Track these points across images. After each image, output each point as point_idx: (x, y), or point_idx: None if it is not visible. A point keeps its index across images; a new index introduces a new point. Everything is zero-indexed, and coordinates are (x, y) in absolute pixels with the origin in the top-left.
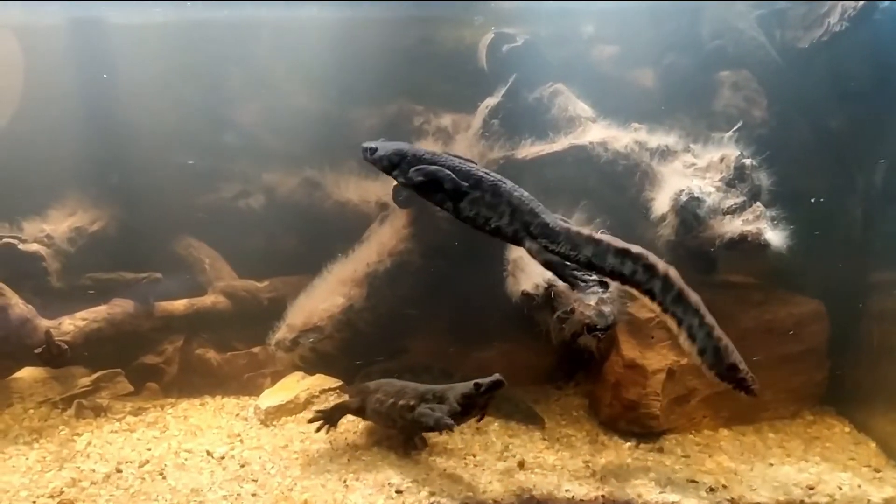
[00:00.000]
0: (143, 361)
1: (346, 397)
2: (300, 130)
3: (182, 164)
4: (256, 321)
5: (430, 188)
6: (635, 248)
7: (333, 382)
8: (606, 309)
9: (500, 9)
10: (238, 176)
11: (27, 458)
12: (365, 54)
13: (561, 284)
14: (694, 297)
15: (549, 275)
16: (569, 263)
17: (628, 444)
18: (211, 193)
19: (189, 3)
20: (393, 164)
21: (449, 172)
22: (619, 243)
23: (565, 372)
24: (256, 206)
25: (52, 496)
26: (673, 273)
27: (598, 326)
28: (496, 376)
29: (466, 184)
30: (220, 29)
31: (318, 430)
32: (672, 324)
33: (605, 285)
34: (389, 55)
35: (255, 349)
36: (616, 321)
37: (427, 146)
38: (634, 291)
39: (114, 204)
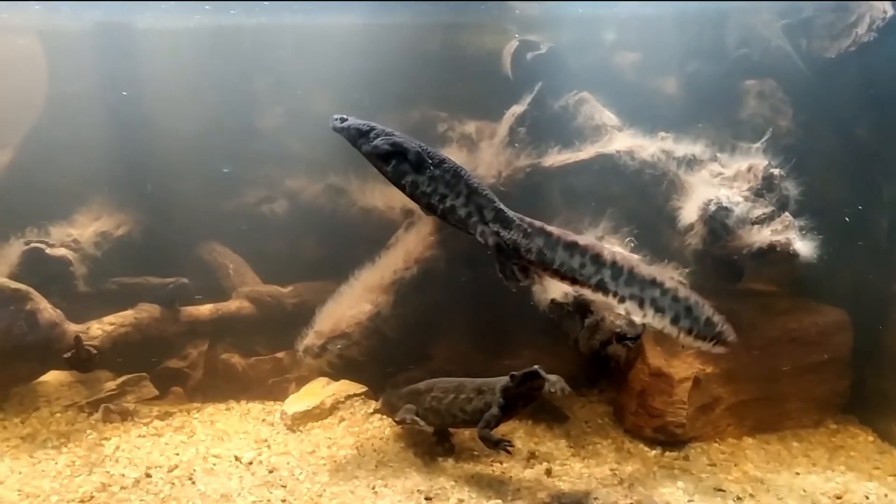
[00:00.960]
0: (168, 366)
1: (372, 403)
2: (323, 136)
3: (206, 169)
4: (280, 326)
5: (394, 158)
6: (583, 240)
7: (358, 388)
8: (637, 318)
9: (522, 16)
10: (262, 181)
11: (56, 463)
12: (387, 60)
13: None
14: (647, 269)
15: None
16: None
17: (654, 451)
18: (235, 198)
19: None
20: (361, 133)
21: (416, 146)
22: (570, 236)
23: (589, 379)
24: (280, 212)
25: (82, 501)
26: (620, 257)
27: (628, 335)
28: (533, 367)
29: (430, 161)
30: (246, 35)
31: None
32: (634, 309)
33: None
34: (411, 61)
35: (280, 354)
36: (645, 330)
37: (451, 153)
38: (586, 291)
39: (139, 208)
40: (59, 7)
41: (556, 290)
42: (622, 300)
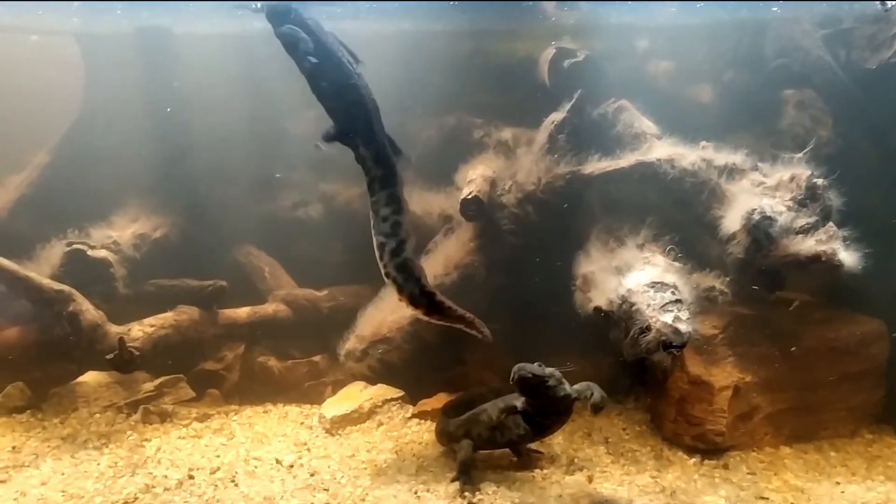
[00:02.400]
0: (204, 368)
1: (409, 408)
2: None
3: (241, 172)
4: (315, 330)
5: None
6: (404, 203)
7: (395, 393)
8: (682, 327)
9: (556, 24)
10: (296, 185)
11: (98, 464)
12: (420, 66)
13: (635, 300)
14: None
15: (622, 291)
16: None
17: (693, 460)
18: (270, 202)
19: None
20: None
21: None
22: (401, 192)
23: (624, 386)
24: (314, 216)
25: (126, 502)
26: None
27: (674, 344)
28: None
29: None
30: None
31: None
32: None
33: (678, 302)
34: (444, 67)
35: (316, 358)
36: (690, 338)
37: (488, 160)
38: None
39: (175, 211)
40: (98, 10)
41: (600, 297)
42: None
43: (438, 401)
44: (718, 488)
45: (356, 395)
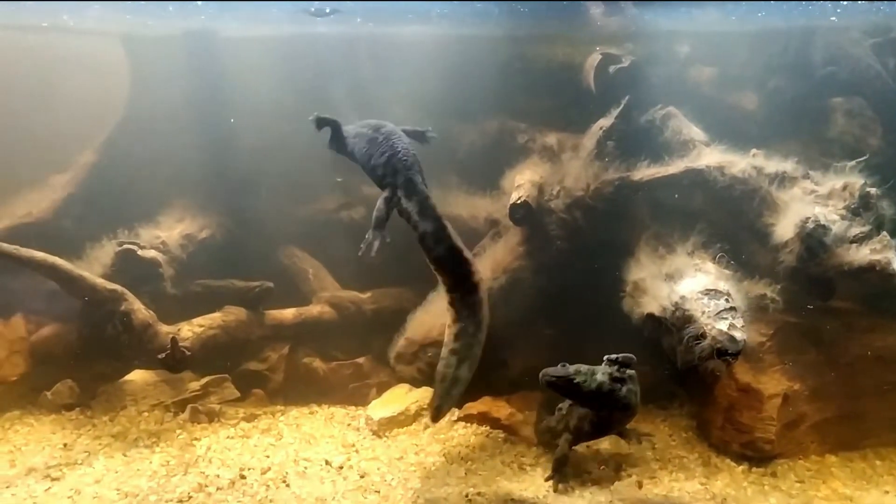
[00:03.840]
0: (248, 368)
1: (455, 411)
2: None
3: (285, 174)
4: (359, 332)
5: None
6: (467, 254)
7: None
8: (738, 334)
9: (598, 29)
10: (339, 187)
11: (151, 462)
12: (462, 70)
13: (689, 307)
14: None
15: (675, 298)
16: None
17: (741, 467)
18: (314, 204)
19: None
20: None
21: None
22: (458, 242)
23: (668, 392)
24: (358, 218)
25: (180, 500)
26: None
27: (729, 351)
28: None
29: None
30: (324, 43)
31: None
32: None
33: (733, 310)
34: (485, 71)
35: (360, 359)
36: (745, 346)
37: (534, 165)
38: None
39: (220, 212)
40: (144, 12)
41: (652, 303)
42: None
43: (484, 404)
44: (768, 496)
45: (402, 398)
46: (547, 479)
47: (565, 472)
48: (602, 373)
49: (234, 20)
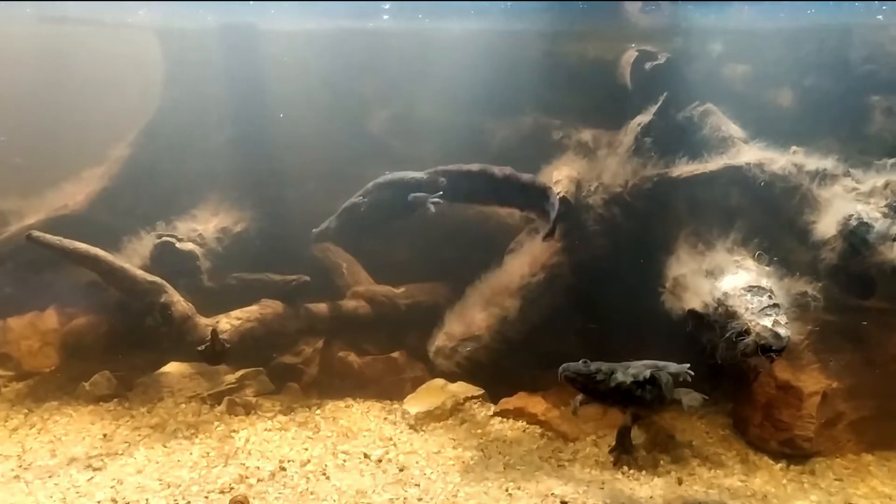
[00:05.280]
0: (283, 361)
1: (491, 406)
2: (433, 139)
3: (319, 168)
4: (393, 326)
5: None
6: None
7: (476, 391)
8: (782, 331)
9: (632, 25)
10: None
11: (191, 454)
12: (495, 66)
13: (732, 304)
14: None
15: (718, 294)
16: None
17: (779, 465)
18: (347, 198)
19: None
20: None
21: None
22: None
23: (703, 389)
24: None
25: (222, 491)
26: None
27: (774, 348)
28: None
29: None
30: (359, 38)
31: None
32: None
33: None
34: (517, 68)
35: (395, 354)
36: (789, 342)
37: (570, 162)
38: None
39: (254, 205)
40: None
41: (693, 300)
42: None
43: (520, 399)
44: (808, 493)
45: (438, 392)
46: (610, 452)
47: (627, 444)
48: (622, 373)
49: (280, 14)
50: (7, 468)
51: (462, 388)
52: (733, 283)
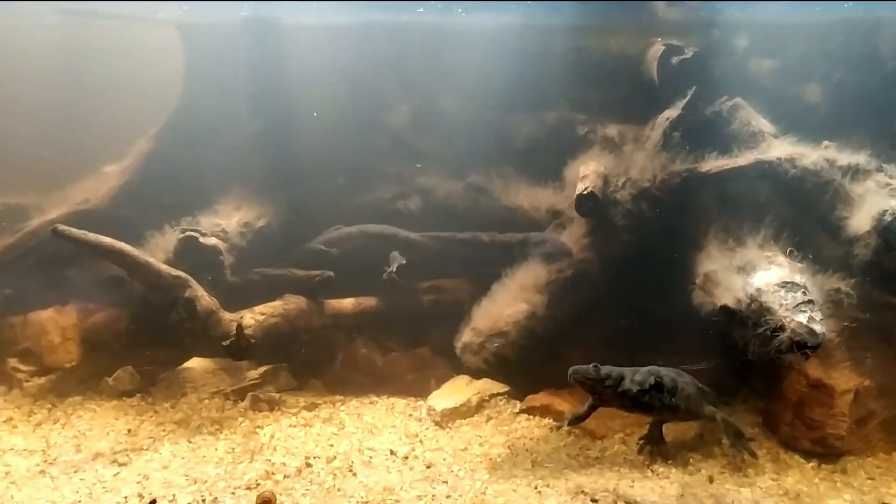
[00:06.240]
0: (306, 357)
1: (517, 403)
2: (455, 135)
3: (340, 162)
4: (416, 323)
5: None
6: None
7: (501, 387)
8: (817, 327)
9: (657, 20)
10: (394, 178)
11: (216, 449)
12: (518, 61)
13: (765, 300)
14: None
15: (751, 290)
16: None
17: (811, 463)
18: (369, 193)
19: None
20: None
21: None
22: None
23: (731, 387)
24: (413, 209)
25: (248, 487)
26: None
27: (809, 344)
28: None
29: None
30: (381, 33)
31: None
32: None
33: (811, 303)
34: (541, 62)
35: (419, 350)
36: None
37: (597, 156)
38: None
39: (276, 201)
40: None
41: (726, 295)
42: None
43: (546, 397)
44: (841, 492)
45: (463, 389)
46: (639, 440)
47: (657, 436)
48: (631, 379)
49: (308, 8)
50: (32, 463)
51: (487, 385)
52: (766, 278)
